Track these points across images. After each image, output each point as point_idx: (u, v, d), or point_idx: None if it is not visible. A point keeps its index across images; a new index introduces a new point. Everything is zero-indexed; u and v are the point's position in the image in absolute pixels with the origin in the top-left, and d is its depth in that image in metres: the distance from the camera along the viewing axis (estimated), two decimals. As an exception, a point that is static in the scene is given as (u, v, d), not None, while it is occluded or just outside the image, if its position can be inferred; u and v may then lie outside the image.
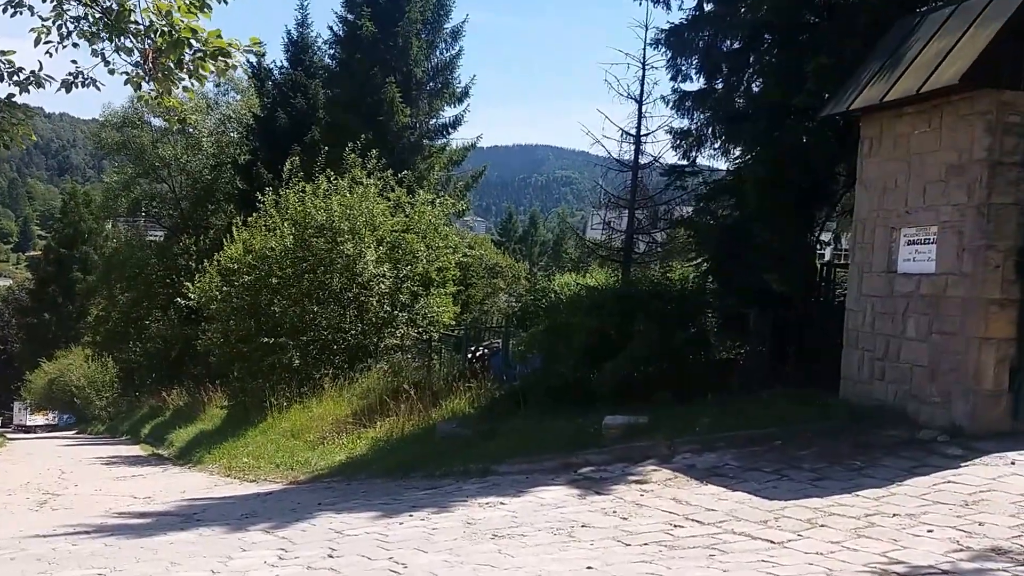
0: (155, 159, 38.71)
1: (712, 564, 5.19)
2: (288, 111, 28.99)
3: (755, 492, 6.85)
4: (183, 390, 29.53)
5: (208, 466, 15.28)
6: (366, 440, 12.96)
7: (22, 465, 18.25)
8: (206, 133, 37.88)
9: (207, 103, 38.49)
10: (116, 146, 40.15)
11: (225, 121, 38.54)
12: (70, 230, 68.15)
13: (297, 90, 29.40)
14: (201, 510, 9.26)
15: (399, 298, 18.87)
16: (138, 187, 40.56)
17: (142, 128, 39.26)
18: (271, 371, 18.56)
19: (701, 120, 12.62)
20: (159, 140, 39.00)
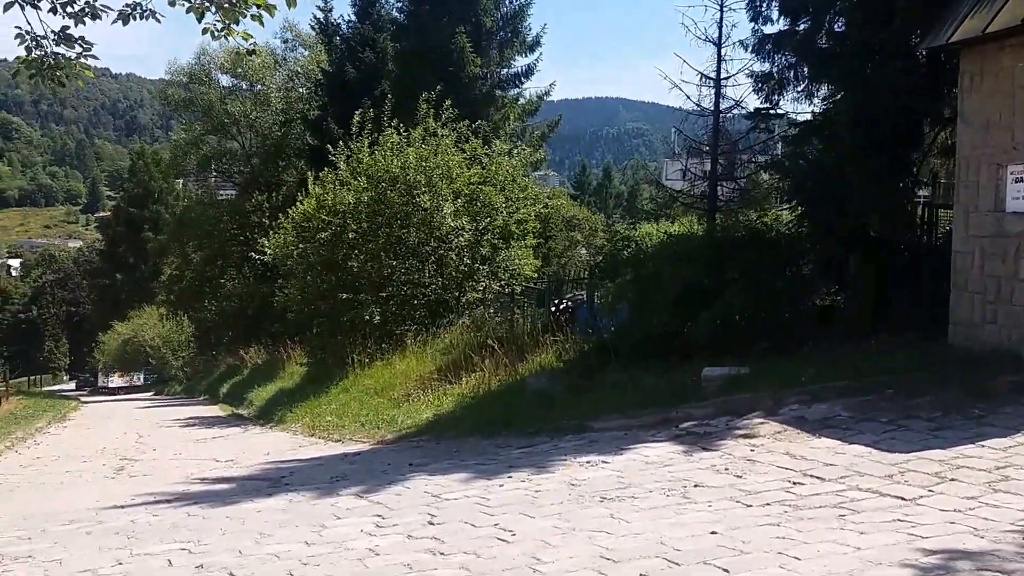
0: (223, 116, 39.21)
1: (845, 525, 4.95)
2: (357, 65, 29.06)
3: (873, 444, 6.60)
4: (261, 348, 30.08)
5: (290, 426, 15.46)
6: (452, 397, 12.92)
7: (98, 430, 18.73)
8: (274, 89, 38.16)
9: (275, 59, 38.77)
10: (183, 103, 40.76)
11: (293, 77, 38.83)
12: (140, 189, 69.60)
13: (365, 44, 29.41)
14: (288, 473, 9.26)
15: (479, 251, 18.79)
16: (207, 144, 41.17)
17: (209, 84, 39.74)
18: (351, 327, 18.70)
19: (783, 62, 12.26)
20: (227, 96, 39.42)
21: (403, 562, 5.01)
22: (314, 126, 30.83)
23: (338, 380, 17.27)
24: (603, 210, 62.56)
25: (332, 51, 31.16)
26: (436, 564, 4.93)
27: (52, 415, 21.15)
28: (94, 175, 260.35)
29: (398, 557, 5.12)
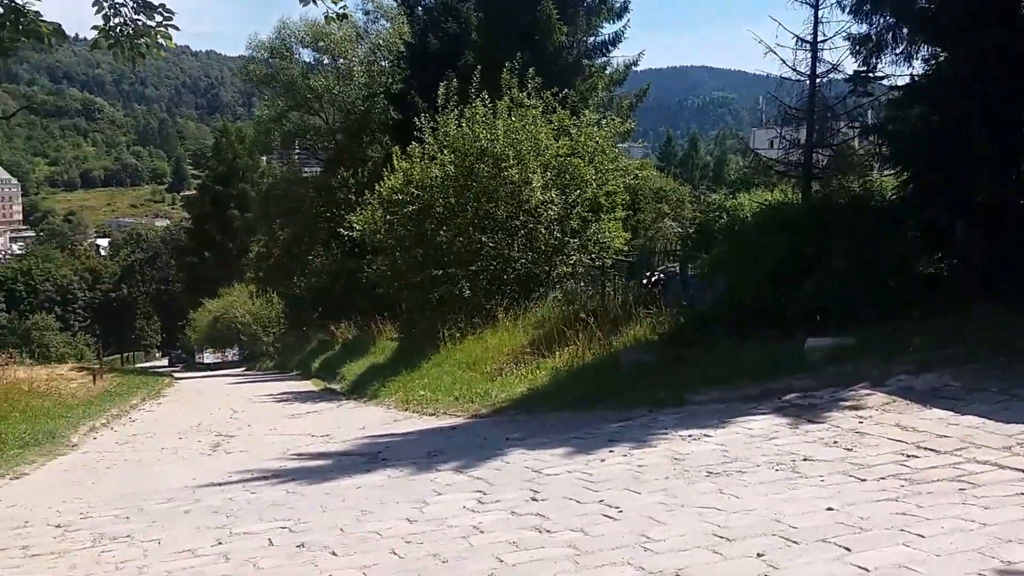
0: (306, 91, 39.73)
1: (967, 500, 4.84)
2: (440, 36, 29.04)
3: (987, 415, 6.43)
4: (351, 324, 30.54)
5: (384, 400, 15.72)
6: (545, 370, 12.97)
7: (192, 406, 19.33)
8: (357, 62, 38.45)
9: (356, 32, 39.03)
10: (264, 78, 41.43)
11: (375, 50, 39.02)
12: (224, 167, 71.17)
13: (448, 14, 29.36)
14: (384, 448, 9.42)
15: (568, 225, 18.75)
16: (290, 121, 41.77)
17: (290, 59, 40.29)
18: (440, 302, 18.89)
19: (881, 24, 11.90)
20: (309, 72, 39.91)
21: (508, 540, 5.05)
22: (397, 100, 30.88)
23: (430, 355, 17.47)
24: (690, 181, 61.80)
25: (414, 22, 31.18)
26: (542, 542, 4.95)
27: (146, 392, 21.89)
28: (178, 154, 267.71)
29: (502, 535, 5.16)
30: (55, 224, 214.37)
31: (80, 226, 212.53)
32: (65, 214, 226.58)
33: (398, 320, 23.16)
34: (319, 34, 38.74)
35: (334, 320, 33.02)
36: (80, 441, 12.61)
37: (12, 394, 15.84)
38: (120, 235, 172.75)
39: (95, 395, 19.42)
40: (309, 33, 38.97)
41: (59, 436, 12.47)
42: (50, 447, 11.55)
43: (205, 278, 66.68)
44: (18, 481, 9.22)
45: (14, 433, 12.09)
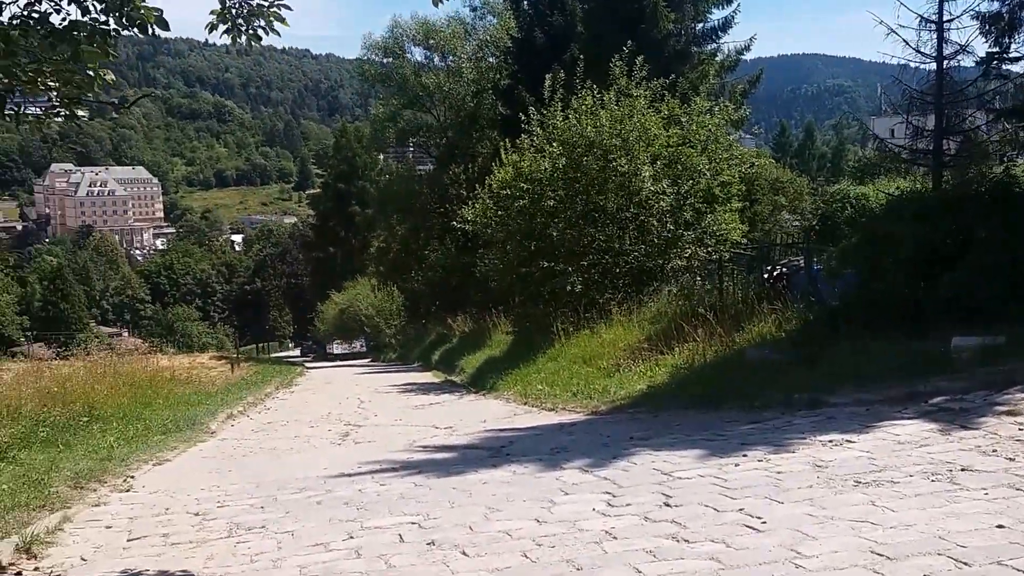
0: (418, 89, 39.99)
1: None
2: (545, 29, 28.68)
3: None
4: (467, 317, 30.56)
5: (503, 393, 15.50)
6: (665, 367, 12.49)
7: (322, 395, 19.46)
8: (465, 59, 38.48)
9: (464, 28, 39.08)
10: (379, 77, 41.93)
11: (483, 46, 38.99)
12: (345, 165, 72.62)
13: (554, 7, 28.99)
14: (507, 443, 9.16)
15: (682, 216, 18.09)
16: (403, 119, 42.15)
17: (402, 58, 40.57)
18: (552, 296, 18.58)
19: (1015, 1, 10.93)
20: (420, 70, 40.16)
21: (644, 548, 4.69)
22: (505, 95, 30.65)
23: (544, 349, 17.18)
24: (806, 172, 59.87)
25: (520, 16, 30.84)
26: (681, 552, 4.57)
27: (280, 380, 22.28)
28: (302, 154, 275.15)
29: (637, 542, 4.81)
30: (193, 221, 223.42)
31: (216, 223, 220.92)
32: (202, 211, 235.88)
33: (511, 314, 22.94)
34: (430, 31, 38.90)
35: (451, 313, 33.11)
36: (218, 428, 12.79)
37: (156, 381, 16.26)
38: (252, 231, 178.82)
39: (233, 383, 19.87)
40: (420, 31, 39.17)
41: (199, 423, 12.68)
42: (190, 434, 11.72)
43: (331, 272, 68.14)
44: (160, 467, 9.30)
45: (158, 419, 12.37)
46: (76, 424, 10.73)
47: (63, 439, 9.72)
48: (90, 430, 10.60)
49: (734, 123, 22.34)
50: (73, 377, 13.37)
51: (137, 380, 15.22)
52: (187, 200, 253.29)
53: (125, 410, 12.50)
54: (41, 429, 9.74)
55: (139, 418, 12.20)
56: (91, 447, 9.60)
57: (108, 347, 18.78)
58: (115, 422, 11.56)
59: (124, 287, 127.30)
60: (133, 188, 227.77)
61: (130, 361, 17.41)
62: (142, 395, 14.31)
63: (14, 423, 9.56)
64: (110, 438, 10.22)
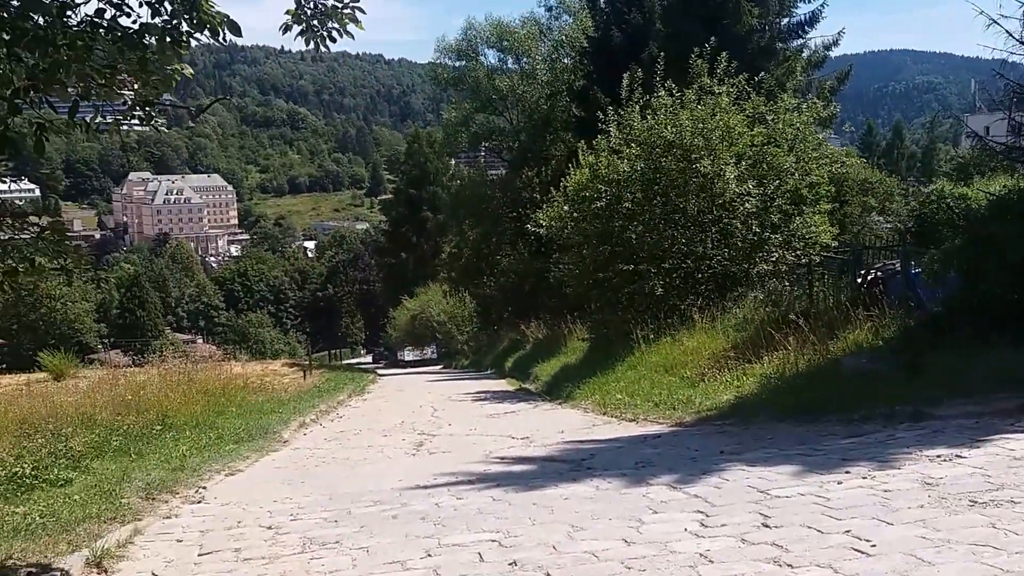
0: (491, 92, 39.98)
1: None
2: (623, 28, 28.39)
3: None
4: (540, 323, 30.40)
5: (580, 402, 15.25)
6: (753, 377, 12.08)
7: (394, 403, 19.44)
8: (540, 60, 38.39)
9: (539, 29, 38.99)
10: (452, 80, 42.03)
11: (558, 47, 38.84)
12: (417, 171, 73.34)
13: (632, 4, 28.68)
14: (588, 455, 8.93)
15: (768, 219, 17.59)
16: (476, 123, 42.20)
17: (476, 60, 40.59)
18: (631, 301, 18.26)
19: None
20: (493, 72, 40.14)
21: (743, 573, 4.43)
22: (580, 96, 30.44)
23: (623, 357, 16.86)
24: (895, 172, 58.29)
25: (596, 16, 30.67)
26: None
27: (352, 388, 22.37)
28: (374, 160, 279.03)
29: (736, 567, 4.55)
30: (267, 228, 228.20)
31: (289, 229, 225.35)
32: (275, 218, 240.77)
33: (588, 320, 22.65)
34: (503, 33, 38.88)
35: (524, 319, 32.97)
36: (291, 437, 12.81)
37: (229, 389, 16.44)
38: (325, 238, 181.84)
39: (305, 391, 20.00)
40: (494, 33, 39.18)
41: (271, 431, 12.72)
42: (263, 443, 11.74)
43: (403, 277, 68.79)
44: (232, 478, 9.31)
45: (230, 428, 12.44)
46: (149, 433, 10.85)
47: (136, 448, 9.83)
48: (163, 439, 10.71)
49: (822, 121, 21.71)
50: (147, 385, 13.56)
51: (210, 388, 15.40)
52: (261, 207, 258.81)
53: (198, 418, 12.62)
54: (115, 438, 9.86)
55: (212, 427, 12.30)
56: (163, 456, 9.68)
57: (182, 354, 19.05)
58: (188, 431, 11.67)
59: (199, 294, 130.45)
60: (208, 196, 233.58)
61: (204, 368, 17.64)
62: (215, 403, 14.46)
63: (88, 431, 9.70)
64: (183, 447, 10.30)
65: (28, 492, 7.69)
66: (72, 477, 8.27)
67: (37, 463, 8.31)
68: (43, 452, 8.70)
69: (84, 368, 24.03)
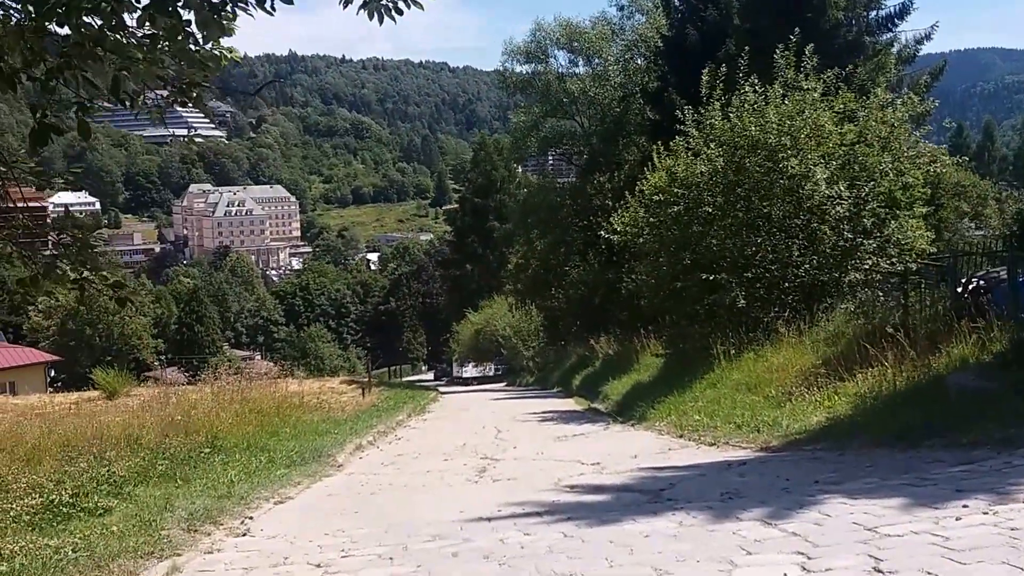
0: (561, 95, 39.74)
1: None
2: (698, 26, 27.92)
3: None
4: (610, 337, 29.99)
5: (654, 424, 14.76)
6: (845, 396, 11.46)
7: (456, 423, 19.14)
8: (612, 62, 38.04)
9: (611, 29, 38.66)
10: (520, 84, 41.86)
11: (630, 47, 38.46)
12: (483, 179, 73.47)
13: (707, 1, 28.19)
14: (667, 484, 8.43)
15: (860, 223, 16.87)
16: (545, 127, 41.97)
17: (545, 62, 40.37)
18: (710, 314, 17.70)
19: None
20: (564, 74, 39.88)
21: (856, 631, 3.94)
22: (654, 98, 30.21)
23: (701, 374, 16.33)
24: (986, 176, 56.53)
25: (671, 14, 30.31)
26: (907, 637, 3.80)
27: (412, 407, 22.14)
28: (439, 169, 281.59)
29: (848, 622, 4.04)
30: (329, 240, 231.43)
31: (352, 241, 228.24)
32: (339, 230, 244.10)
33: (662, 334, 22.12)
34: (574, 34, 38.63)
35: (593, 334, 32.54)
36: (346, 461, 12.54)
37: (284, 408, 16.28)
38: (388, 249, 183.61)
39: (363, 409, 19.81)
40: (564, 33, 38.95)
41: (325, 455, 12.45)
42: (316, 467, 11.48)
43: (468, 290, 68.83)
44: (282, 506, 9.04)
45: (283, 451, 12.21)
46: (197, 456, 10.66)
47: (182, 473, 9.62)
48: (211, 462, 10.50)
49: (915, 119, 20.88)
50: (198, 404, 13.44)
51: (264, 407, 15.24)
52: (324, 218, 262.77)
53: (249, 440, 12.43)
54: (160, 462, 9.66)
55: (263, 449, 12.08)
56: (210, 482, 9.44)
57: (236, 371, 19.00)
58: (238, 454, 11.46)
59: (259, 308, 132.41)
60: (270, 207, 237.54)
61: (258, 386, 17.54)
62: (268, 424, 14.29)
63: (133, 455, 9.52)
64: (231, 472, 10.07)
65: (65, 522, 7.49)
66: (112, 505, 8.06)
67: (77, 489, 8.12)
68: (84, 477, 8.52)
69: (139, 386, 24.18)
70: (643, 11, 38.24)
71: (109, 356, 69.89)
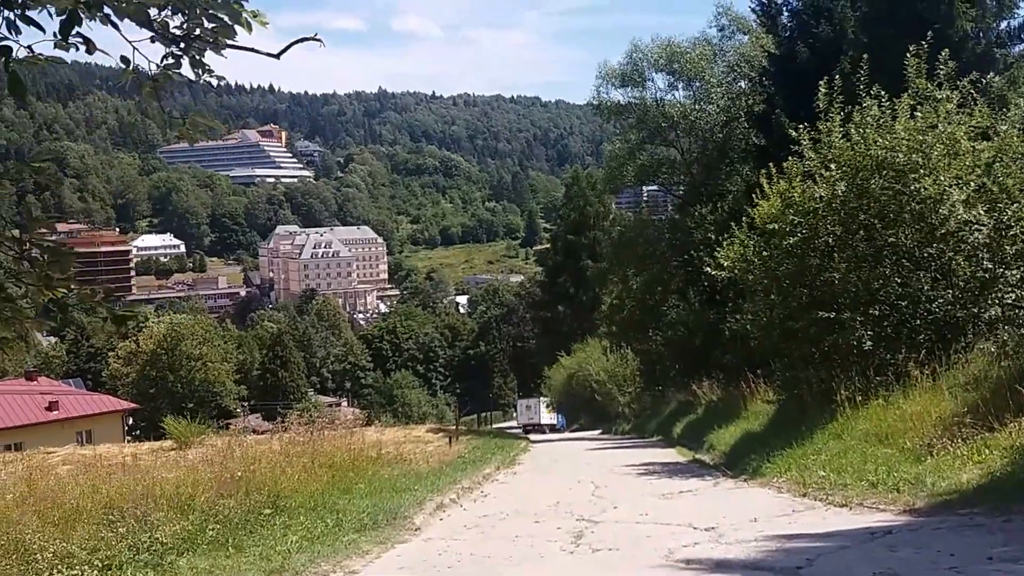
0: (660, 119, 38.86)
1: None
2: (809, 42, 26.74)
3: None
4: (714, 383, 28.88)
5: (771, 480, 13.57)
6: (999, 449, 10.16)
7: (549, 476, 18.14)
8: (714, 84, 37.10)
9: (712, 50, 37.77)
10: (615, 109, 41.05)
11: (732, 68, 37.48)
12: (576, 214, 72.77)
13: (819, 15, 27.03)
14: (805, 561, 7.33)
15: (1001, 251, 15.42)
16: (642, 155, 41.14)
17: (643, 86, 39.55)
18: (829, 355, 16.40)
19: None
20: (663, 99, 39.07)
21: None
22: (760, 121, 29.03)
23: (823, 423, 15.04)
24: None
25: (777, 32, 29.24)
26: None
27: (501, 459, 21.19)
28: (530, 208, 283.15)
29: None
30: (417, 282, 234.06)
31: (440, 283, 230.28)
32: (427, 272, 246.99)
33: (773, 378, 20.80)
34: (673, 55, 37.73)
35: (694, 378, 31.31)
36: (424, 523, 11.62)
37: (360, 461, 15.53)
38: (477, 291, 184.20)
39: (448, 461, 18.95)
40: (663, 55, 38.08)
41: (401, 515, 11.56)
42: (389, 531, 10.59)
43: (560, 333, 67.82)
44: (346, 581, 8.19)
45: (354, 511, 11.36)
46: (256, 518, 9.89)
47: (235, 539, 8.82)
48: (271, 526, 9.70)
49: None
50: (264, 457, 12.76)
51: (337, 461, 14.50)
52: (411, 260, 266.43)
53: (317, 499, 11.63)
54: (211, 525, 8.89)
55: (332, 509, 11.24)
56: (265, 551, 8.61)
57: (308, 419, 18.34)
58: (303, 515, 10.66)
59: (346, 354, 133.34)
60: (358, 248, 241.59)
61: (333, 436, 16.84)
62: (342, 479, 13.52)
63: (182, 518, 8.78)
64: (291, 538, 9.23)
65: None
66: (146, 580, 7.32)
67: (110, 560, 7.40)
68: (122, 545, 7.81)
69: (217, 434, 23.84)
70: (745, 31, 37.22)
71: (191, 403, 71.01)
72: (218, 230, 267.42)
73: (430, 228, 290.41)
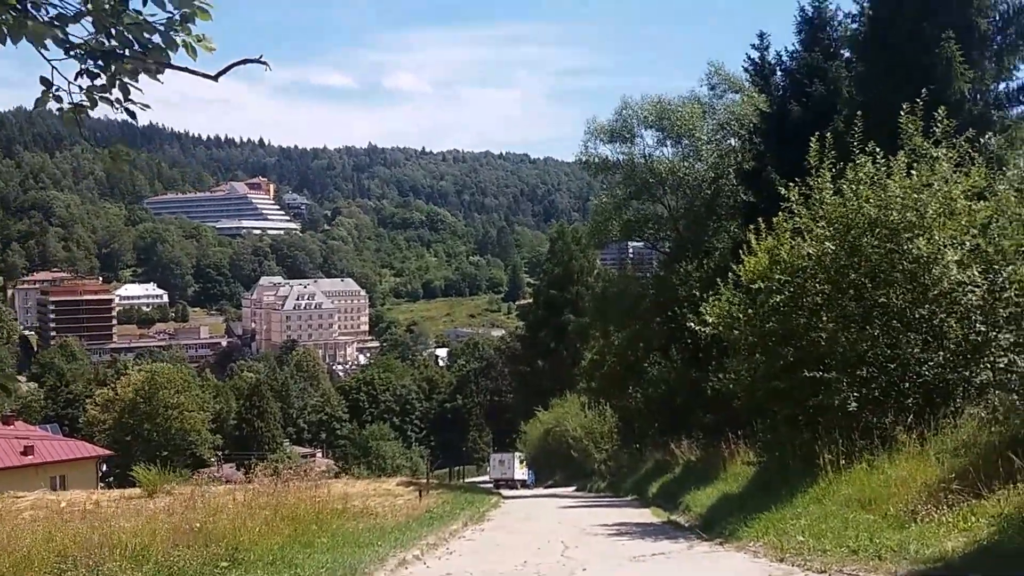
0: (647, 175, 39.02)
1: None
2: (802, 101, 26.83)
3: None
4: (693, 442, 28.63)
5: (747, 543, 13.10)
6: (986, 517, 9.80)
7: (518, 535, 17.48)
8: (704, 141, 37.29)
9: (702, 108, 38.03)
10: (602, 165, 41.18)
11: (722, 126, 37.72)
12: (559, 269, 72.92)
13: (813, 75, 27.19)
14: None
15: (995, 314, 15.11)
16: (629, 210, 41.26)
17: (632, 142, 39.74)
18: (814, 417, 16.00)
19: None
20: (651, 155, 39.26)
21: None
22: (749, 178, 29.21)
23: (804, 486, 14.63)
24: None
25: (770, 91, 29.48)
26: None
27: (470, 514, 20.66)
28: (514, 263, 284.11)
29: None
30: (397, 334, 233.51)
31: (420, 336, 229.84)
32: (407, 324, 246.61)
33: (755, 439, 20.42)
34: (663, 112, 37.97)
35: (673, 437, 30.98)
36: (384, 582, 11.13)
37: (324, 515, 15.02)
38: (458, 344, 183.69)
39: (416, 516, 18.46)
40: (652, 112, 38.35)
41: (361, 572, 11.08)
42: (346, 592, 10.10)
43: (538, 387, 67.44)
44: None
45: (311, 567, 10.85)
46: (211, 571, 9.44)
47: (186, 594, 8.34)
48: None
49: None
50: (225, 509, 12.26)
51: (300, 513, 13.99)
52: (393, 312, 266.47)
53: (276, 553, 11.14)
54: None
55: (290, 564, 10.74)
56: (213, 608, 8.12)
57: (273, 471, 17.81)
58: (260, 569, 10.18)
59: (323, 404, 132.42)
60: (340, 300, 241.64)
61: (299, 488, 16.31)
62: (304, 533, 13.04)
63: (136, 568, 8.31)
64: (244, 594, 8.75)
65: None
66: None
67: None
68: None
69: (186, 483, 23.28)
70: (736, 90, 37.51)
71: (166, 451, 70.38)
72: (202, 280, 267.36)
73: (413, 281, 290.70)
